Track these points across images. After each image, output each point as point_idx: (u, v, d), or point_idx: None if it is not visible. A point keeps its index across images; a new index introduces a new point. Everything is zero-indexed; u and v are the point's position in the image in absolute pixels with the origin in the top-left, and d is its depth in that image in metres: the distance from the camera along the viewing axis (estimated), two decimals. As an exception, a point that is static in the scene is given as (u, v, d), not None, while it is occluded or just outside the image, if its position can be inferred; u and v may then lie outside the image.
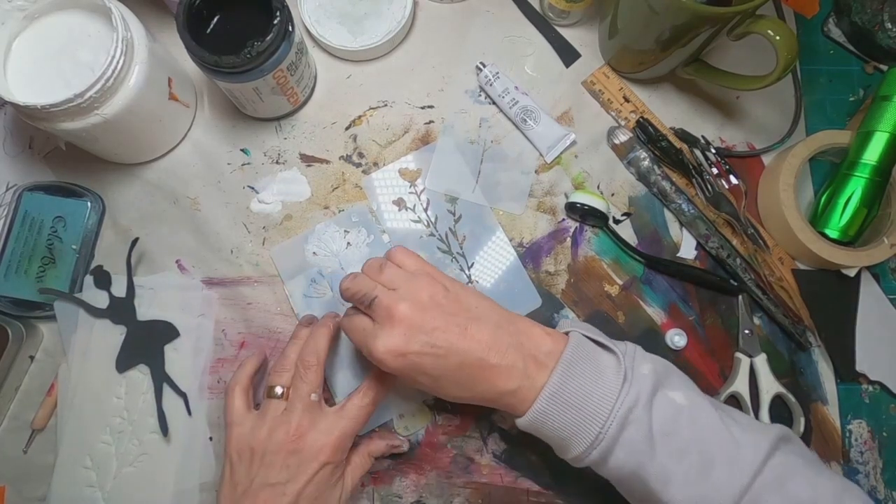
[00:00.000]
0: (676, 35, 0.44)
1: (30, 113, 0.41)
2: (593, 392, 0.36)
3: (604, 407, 0.35)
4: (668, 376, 0.38)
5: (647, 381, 0.36)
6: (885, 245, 0.47)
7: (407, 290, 0.38)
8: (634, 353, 0.38)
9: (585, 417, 0.35)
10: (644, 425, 0.35)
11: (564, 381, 0.36)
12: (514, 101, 0.51)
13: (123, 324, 0.47)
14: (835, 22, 0.55)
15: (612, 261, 0.50)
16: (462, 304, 0.38)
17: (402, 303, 0.37)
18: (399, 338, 0.36)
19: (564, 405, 0.36)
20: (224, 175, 0.51)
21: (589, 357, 0.37)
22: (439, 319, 0.37)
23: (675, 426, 0.36)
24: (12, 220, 0.49)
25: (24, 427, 0.47)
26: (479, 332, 0.37)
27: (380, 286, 0.38)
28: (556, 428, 0.36)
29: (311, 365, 0.41)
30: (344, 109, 0.53)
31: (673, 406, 0.36)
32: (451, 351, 0.36)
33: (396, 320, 0.37)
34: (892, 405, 0.49)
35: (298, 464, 0.39)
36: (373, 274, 0.40)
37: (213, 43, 0.42)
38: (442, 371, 0.37)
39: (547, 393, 0.36)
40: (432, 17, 0.55)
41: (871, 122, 0.48)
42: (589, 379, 0.36)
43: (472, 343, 0.37)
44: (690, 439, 0.36)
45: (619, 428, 0.35)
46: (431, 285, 0.38)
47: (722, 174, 0.50)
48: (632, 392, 0.35)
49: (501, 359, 0.37)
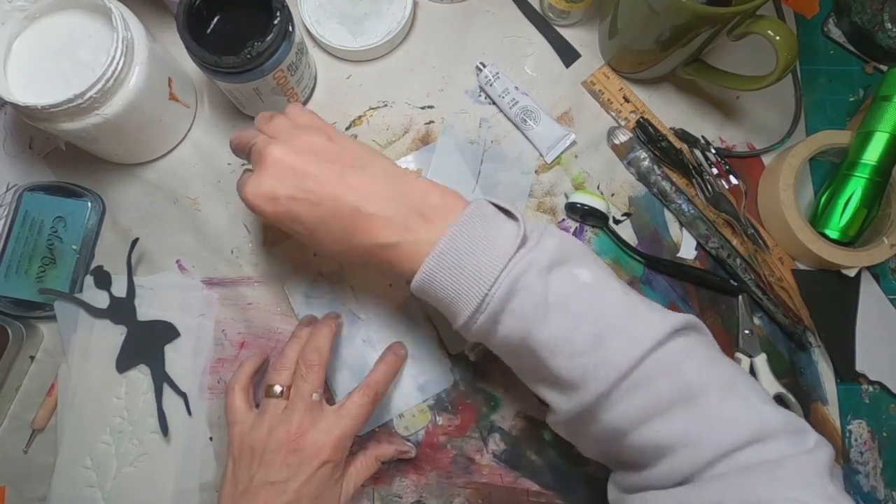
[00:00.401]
0: (676, 35, 0.44)
1: (30, 113, 0.41)
2: (483, 254, 0.33)
3: (492, 270, 0.33)
4: (581, 256, 0.35)
5: (547, 253, 0.34)
6: (885, 245, 0.47)
7: (287, 136, 0.36)
8: (545, 228, 0.35)
9: (471, 280, 0.33)
10: (536, 294, 0.33)
11: (454, 240, 0.34)
12: (514, 101, 0.51)
13: (123, 324, 0.47)
14: (835, 22, 0.55)
15: (612, 261, 0.50)
16: (346, 153, 0.36)
17: (277, 147, 0.35)
18: (269, 180, 0.35)
19: (451, 266, 0.33)
20: (224, 175, 0.51)
21: (487, 220, 0.35)
22: (314, 165, 0.35)
23: (573, 298, 0.33)
24: (12, 220, 0.49)
25: (24, 427, 0.47)
26: (357, 179, 0.35)
27: (261, 135, 0.37)
28: (442, 290, 0.34)
29: (312, 364, 0.41)
30: (344, 109, 0.53)
31: (575, 281, 0.34)
32: (324, 197, 0.35)
33: (268, 163, 0.35)
34: (892, 405, 0.49)
35: (299, 462, 0.39)
36: (261, 125, 0.38)
37: (213, 43, 0.42)
38: (316, 220, 0.35)
39: (436, 251, 0.34)
40: (432, 17, 0.55)
41: (871, 123, 0.48)
42: (481, 240, 0.34)
43: (347, 190, 0.35)
44: (587, 311, 0.33)
45: (506, 293, 0.33)
46: (314, 134, 0.37)
47: (722, 174, 0.50)
48: (526, 258, 0.33)
49: (380, 209, 0.35)
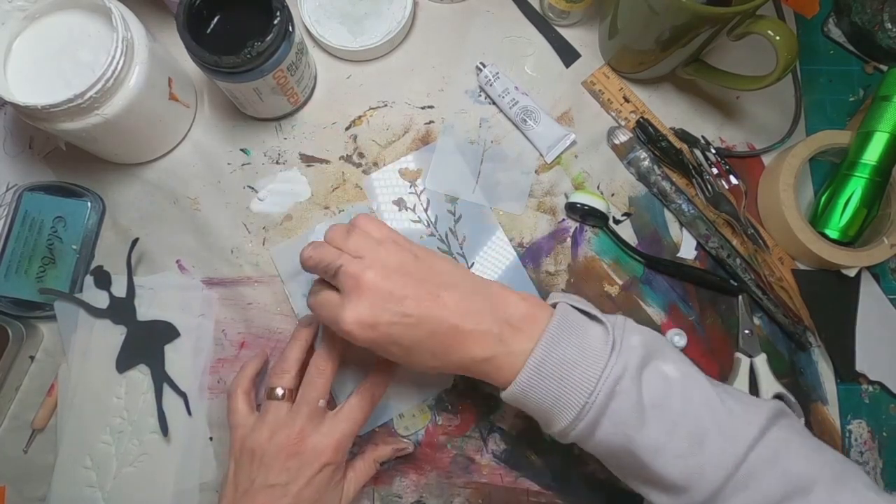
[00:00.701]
0: (676, 35, 0.44)
1: (30, 113, 0.41)
2: (580, 362, 0.34)
3: (590, 377, 0.34)
4: (660, 349, 0.36)
5: (636, 352, 0.35)
6: (885, 245, 0.47)
7: (374, 257, 0.36)
8: (624, 324, 0.37)
9: (571, 388, 0.34)
10: (633, 396, 0.34)
11: (550, 350, 0.34)
12: (514, 101, 0.51)
13: (123, 324, 0.47)
14: (835, 22, 0.55)
15: (612, 261, 0.50)
16: (433, 270, 0.37)
17: (370, 271, 0.35)
18: (368, 308, 0.35)
19: (549, 375, 0.34)
20: (224, 175, 0.51)
21: (575, 327, 0.36)
22: (409, 287, 0.35)
23: (667, 399, 0.34)
24: (12, 220, 0.49)
25: (24, 427, 0.47)
26: (451, 298, 0.36)
27: (345, 255, 0.36)
28: (541, 399, 0.35)
29: (324, 372, 0.40)
30: (344, 109, 0.53)
31: (664, 378, 0.35)
32: (423, 319, 0.35)
33: (364, 289, 0.35)
34: (892, 405, 0.49)
35: (299, 466, 0.39)
36: (338, 242, 0.37)
37: (213, 43, 0.42)
38: (414, 340, 0.35)
39: (532, 362, 0.34)
40: (432, 17, 0.55)
41: (871, 123, 0.48)
42: (575, 348, 0.35)
43: (444, 310, 0.35)
44: (683, 411, 0.34)
45: (606, 398, 0.33)
46: (400, 252, 0.37)
47: (722, 174, 0.50)
48: (619, 362, 0.34)
49: (475, 325, 0.35)
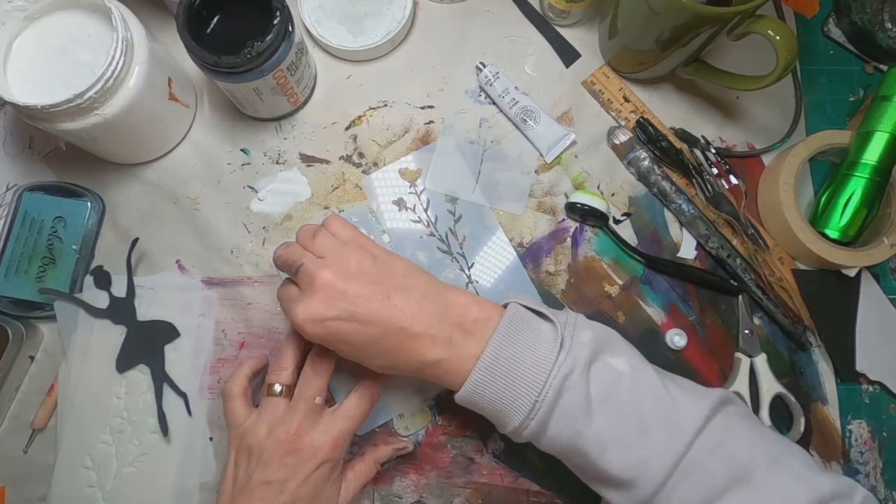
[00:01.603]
0: (676, 35, 0.44)
1: (30, 113, 0.41)
2: (528, 360, 0.35)
3: (539, 375, 0.34)
4: (611, 344, 0.37)
5: (586, 348, 0.35)
6: (885, 245, 0.47)
7: (334, 257, 0.37)
8: (575, 321, 0.37)
9: (521, 387, 0.34)
10: (580, 391, 0.34)
11: (499, 350, 0.35)
12: (514, 101, 0.51)
13: (123, 324, 0.47)
14: (835, 22, 0.55)
15: (612, 261, 0.50)
16: (390, 272, 0.38)
17: (326, 270, 0.36)
18: (318, 304, 0.36)
19: (499, 375, 0.35)
20: (224, 175, 0.51)
21: (525, 326, 0.36)
22: (363, 287, 0.36)
23: (614, 391, 0.35)
24: (12, 220, 0.49)
25: (24, 427, 0.47)
26: (403, 301, 0.36)
27: (309, 254, 0.38)
28: (492, 399, 0.35)
29: (320, 369, 0.41)
30: (344, 109, 0.53)
31: (612, 372, 0.36)
32: (372, 319, 0.36)
33: (317, 286, 0.36)
34: (892, 405, 0.49)
35: (296, 463, 0.39)
36: (305, 242, 0.39)
37: (213, 43, 0.42)
38: (363, 340, 0.36)
39: (482, 364, 0.35)
40: (432, 17, 0.55)
41: (871, 122, 0.48)
42: (524, 348, 0.35)
43: (394, 312, 0.36)
44: (628, 403, 0.35)
45: (555, 396, 0.34)
46: (360, 253, 0.38)
47: (722, 174, 0.50)
48: (568, 359, 0.35)
49: (425, 328, 0.36)
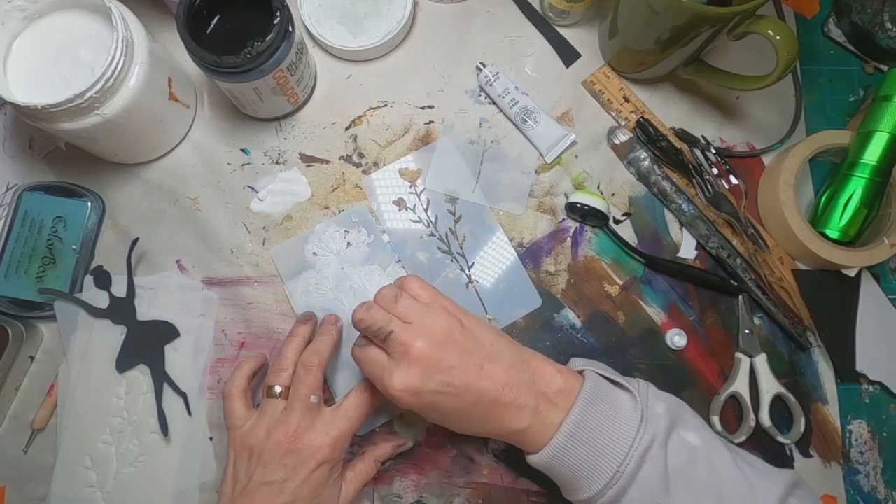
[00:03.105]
0: (676, 35, 0.44)
1: (30, 113, 0.41)
2: (611, 430, 0.35)
3: (621, 445, 0.35)
4: (682, 416, 0.38)
5: (663, 420, 0.36)
6: (885, 245, 0.47)
7: (422, 325, 0.37)
8: (647, 391, 0.38)
9: (602, 456, 0.35)
10: (660, 464, 0.35)
11: (582, 419, 0.36)
12: (514, 101, 0.51)
13: (123, 324, 0.47)
14: (835, 22, 0.55)
15: (612, 261, 0.50)
16: (477, 339, 0.38)
17: (419, 340, 0.36)
18: (416, 377, 0.36)
19: (582, 443, 0.35)
20: (224, 175, 0.51)
21: (605, 396, 0.37)
22: (456, 358, 0.36)
23: (690, 467, 0.36)
24: (12, 220, 0.49)
25: (24, 427, 0.47)
26: (494, 370, 0.37)
27: (395, 320, 0.38)
28: (572, 466, 0.36)
29: (311, 367, 0.41)
30: (344, 109, 0.53)
31: (687, 447, 0.36)
32: (466, 390, 0.36)
33: (413, 358, 0.36)
34: (892, 405, 0.49)
35: (296, 463, 0.39)
36: (387, 305, 0.39)
37: (213, 43, 0.42)
38: (455, 408, 0.37)
39: (565, 430, 0.36)
40: (432, 17, 0.55)
41: (871, 122, 0.48)
42: (606, 417, 0.36)
43: (487, 382, 0.36)
44: (705, 480, 0.35)
45: (636, 467, 0.34)
46: (447, 320, 0.38)
47: (722, 174, 0.50)
48: (648, 431, 0.35)
49: (514, 398, 0.36)
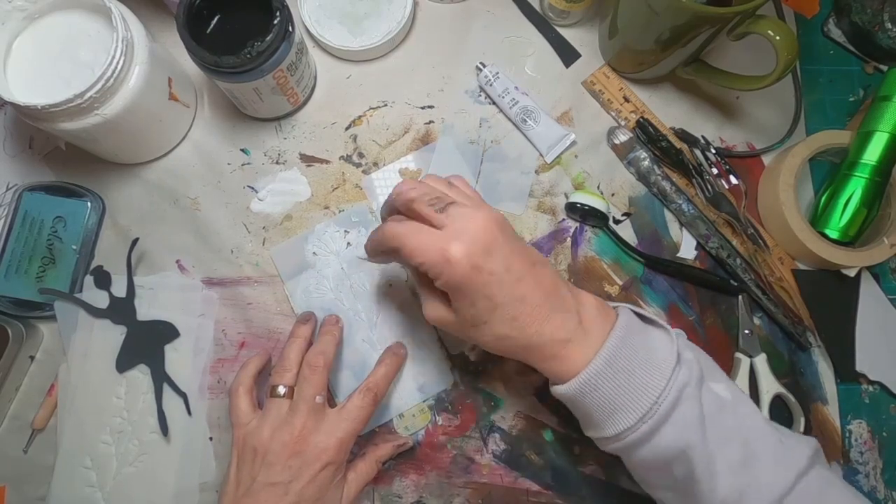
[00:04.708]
0: (676, 35, 0.44)
1: (30, 113, 0.41)
2: (648, 364, 0.34)
3: (659, 380, 0.33)
4: (710, 367, 0.37)
5: (695, 365, 0.35)
6: (885, 245, 0.47)
7: (479, 209, 0.35)
8: (678, 338, 0.37)
9: (639, 388, 0.33)
10: (696, 404, 0.33)
11: (619, 348, 0.34)
12: (514, 101, 0.51)
13: (123, 324, 0.47)
14: (835, 22, 0.55)
15: (612, 261, 0.50)
16: (523, 245, 0.36)
17: (482, 212, 0.34)
18: (481, 245, 0.33)
19: (618, 372, 0.33)
20: (224, 175, 0.51)
21: (642, 329, 0.36)
22: (513, 244, 0.34)
23: (721, 415, 0.34)
24: (12, 220, 0.49)
25: (24, 427, 0.47)
26: (543, 272, 0.35)
27: (455, 197, 0.36)
28: (605, 396, 0.34)
29: (317, 367, 0.41)
30: (344, 109, 0.53)
31: (717, 396, 0.35)
32: (521, 280, 0.34)
33: (478, 228, 0.33)
34: (892, 405, 0.49)
35: (301, 464, 0.39)
36: (441, 186, 0.36)
37: (213, 43, 0.42)
38: (506, 299, 0.33)
39: (603, 356, 0.34)
40: (432, 17, 0.55)
41: (871, 123, 0.48)
42: (643, 350, 0.34)
43: (537, 279, 0.34)
44: (736, 429, 0.34)
45: (672, 403, 0.33)
46: (499, 215, 0.36)
47: (722, 174, 0.50)
48: (685, 370, 0.34)
49: (559, 305, 0.35)
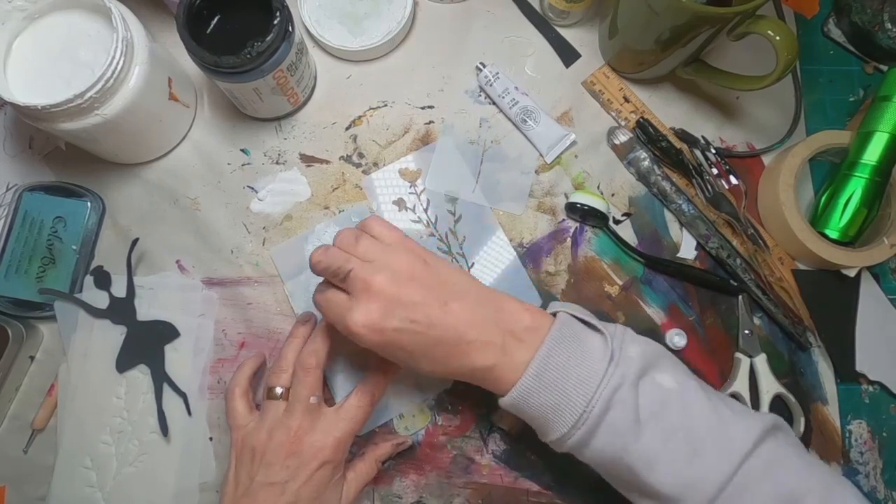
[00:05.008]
0: (676, 35, 0.44)
1: (30, 113, 0.41)
2: (578, 371, 0.34)
3: (588, 387, 0.34)
4: (658, 359, 0.37)
5: (635, 363, 0.35)
6: (885, 245, 0.47)
7: (384, 261, 0.36)
8: (624, 334, 0.37)
9: (569, 397, 0.34)
10: (629, 407, 0.34)
11: (548, 359, 0.35)
12: (514, 101, 0.51)
13: (123, 324, 0.47)
14: (835, 22, 0.55)
15: (612, 261, 0.50)
16: (441, 277, 0.37)
17: (379, 274, 0.35)
18: (376, 312, 0.35)
19: (548, 384, 0.34)
20: (224, 175, 0.51)
21: (575, 336, 0.36)
22: (418, 293, 0.35)
23: (662, 409, 0.35)
24: (12, 220, 0.49)
25: (24, 427, 0.47)
26: (458, 307, 0.36)
27: (354, 258, 0.36)
28: (539, 407, 0.35)
29: (310, 368, 0.41)
30: (344, 109, 0.53)
31: (661, 389, 0.35)
32: (430, 326, 0.35)
33: (374, 293, 0.35)
34: (892, 405, 0.49)
35: (298, 464, 0.39)
36: (347, 246, 0.37)
37: (213, 43, 0.42)
38: (419, 346, 0.35)
39: (531, 371, 0.35)
40: (432, 17, 0.55)
41: (871, 123, 0.48)
42: (574, 358, 0.35)
43: (451, 318, 0.35)
44: (678, 422, 0.35)
45: (603, 409, 0.34)
46: (409, 257, 0.37)
47: (722, 174, 0.50)
48: (617, 373, 0.34)
49: (479, 335, 0.35)
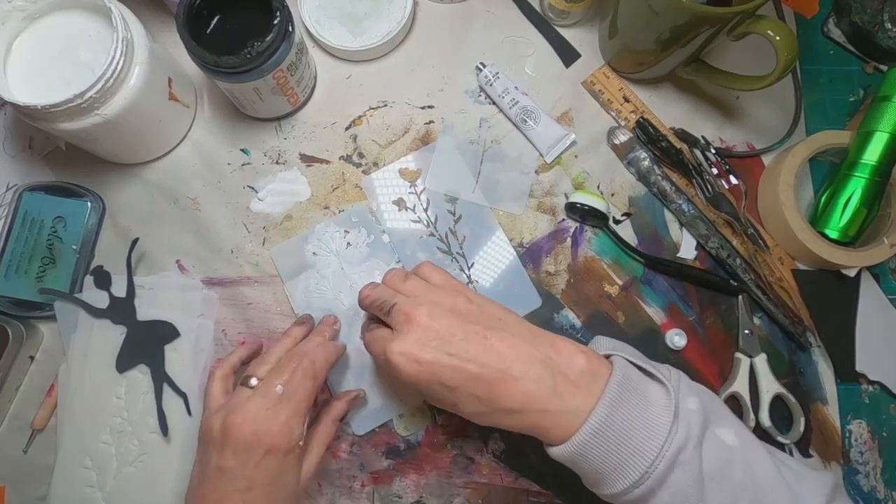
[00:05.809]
0: (676, 35, 0.44)
1: (30, 113, 0.41)
2: (642, 428, 0.33)
3: (652, 445, 0.32)
4: (716, 411, 0.35)
5: (697, 417, 0.33)
6: (885, 245, 0.47)
7: (427, 297, 0.37)
8: (679, 382, 0.35)
9: (631, 454, 0.33)
10: (694, 467, 0.32)
11: (610, 414, 0.33)
12: (514, 101, 0.51)
13: (123, 324, 0.47)
14: (835, 22, 0.55)
15: (612, 261, 0.50)
16: (484, 313, 0.37)
17: (421, 307, 0.36)
18: (414, 342, 0.35)
19: (609, 439, 0.33)
20: (224, 175, 0.51)
21: (636, 388, 0.34)
22: (457, 327, 0.35)
23: (727, 469, 0.33)
24: (12, 220, 0.49)
25: (24, 427, 0.47)
26: (500, 341, 0.35)
27: (399, 294, 0.38)
28: (597, 462, 0.33)
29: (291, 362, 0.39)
30: (344, 109, 0.53)
31: (723, 447, 0.34)
32: (468, 359, 0.34)
33: (413, 325, 0.35)
34: (892, 405, 0.49)
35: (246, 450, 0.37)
36: (395, 284, 0.39)
37: (213, 43, 0.42)
38: (459, 381, 0.34)
39: (591, 425, 0.33)
40: (432, 17, 0.55)
41: (871, 123, 0.48)
42: (637, 412, 0.33)
43: (490, 352, 0.34)
44: (743, 485, 0.33)
45: (667, 469, 0.32)
46: (453, 293, 0.37)
47: (722, 174, 0.50)
48: (681, 431, 0.33)
49: (524, 372, 0.34)
